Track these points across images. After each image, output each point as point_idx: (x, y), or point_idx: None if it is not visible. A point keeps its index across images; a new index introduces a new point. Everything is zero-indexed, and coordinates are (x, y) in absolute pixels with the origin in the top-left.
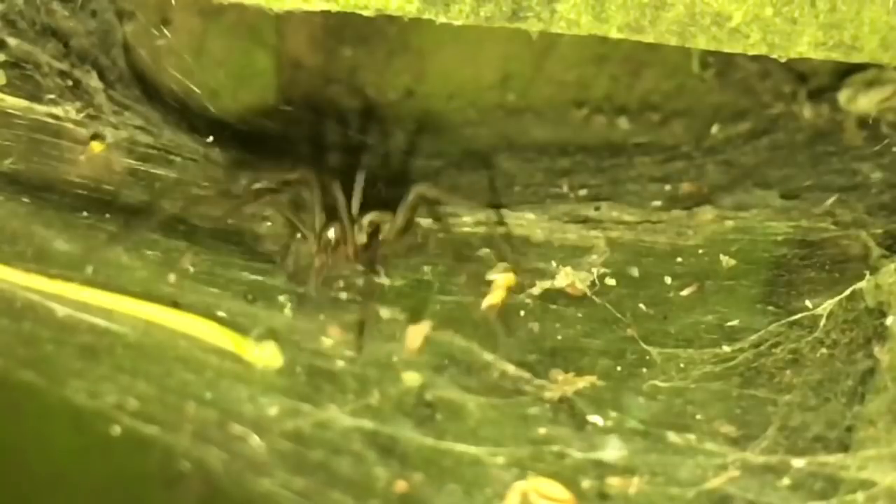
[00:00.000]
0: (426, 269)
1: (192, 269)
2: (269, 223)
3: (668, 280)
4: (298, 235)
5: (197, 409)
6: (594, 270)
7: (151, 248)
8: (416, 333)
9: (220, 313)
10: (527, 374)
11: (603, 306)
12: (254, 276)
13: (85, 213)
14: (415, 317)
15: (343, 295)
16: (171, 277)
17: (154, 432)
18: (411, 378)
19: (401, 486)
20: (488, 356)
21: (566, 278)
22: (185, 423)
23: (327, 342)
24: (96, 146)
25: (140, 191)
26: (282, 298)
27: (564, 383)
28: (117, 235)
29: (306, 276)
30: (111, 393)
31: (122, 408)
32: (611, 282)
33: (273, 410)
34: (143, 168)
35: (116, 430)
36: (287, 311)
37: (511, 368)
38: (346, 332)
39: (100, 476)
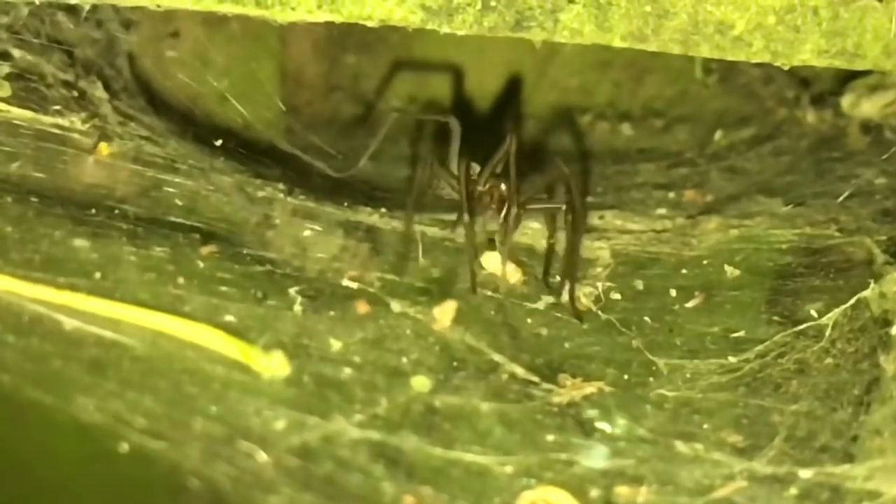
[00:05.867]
0: (433, 270)
1: (201, 266)
2: (275, 227)
3: (672, 292)
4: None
5: (204, 424)
6: (599, 284)
7: (160, 245)
8: (445, 311)
9: (229, 317)
10: (535, 378)
11: (609, 318)
12: (263, 268)
13: (93, 211)
14: (437, 300)
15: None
16: (180, 279)
17: (161, 447)
18: (420, 383)
19: (408, 501)
20: (498, 357)
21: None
22: (193, 439)
23: (335, 346)
24: (105, 148)
25: (146, 194)
26: (292, 292)
27: (573, 388)
28: (126, 232)
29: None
30: (119, 409)
31: (130, 424)
32: (616, 295)
33: (280, 424)
34: (149, 174)
35: (124, 446)
36: (297, 306)
37: (520, 370)
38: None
39: (106, 488)
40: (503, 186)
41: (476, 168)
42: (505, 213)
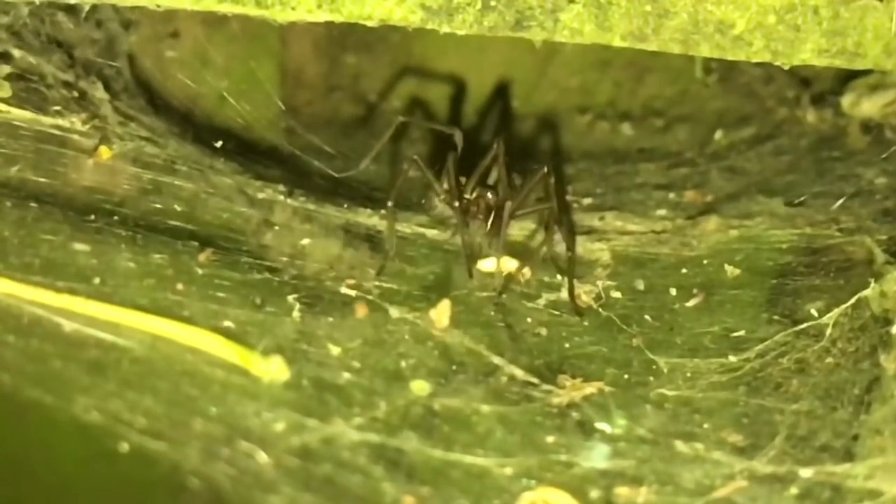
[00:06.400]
0: (430, 277)
1: (200, 272)
2: (275, 228)
3: (673, 291)
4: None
5: (204, 425)
6: (599, 283)
7: (159, 252)
8: (441, 312)
9: (228, 323)
10: (535, 379)
11: (609, 316)
12: (262, 276)
13: (92, 217)
14: (435, 303)
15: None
16: (179, 285)
17: (161, 448)
18: (419, 387)
19: (408, 501)
20: (497, 359)
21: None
22: (193, 439)
23: (334, 351)
24: (105, 151)
25: (146, 196)
26: (290, 299)
27: (572, 389)
28: (125, 238)
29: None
30: (118, 409)
31: (130, 424)
32: (616, 294)
33: (280, 426)
34: (148, 175)
35: (124, 446)
36: (296, 313)
37: (519, 372)
38: None
39: (106, 488)
40: (490, 195)
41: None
42: (493, 221)
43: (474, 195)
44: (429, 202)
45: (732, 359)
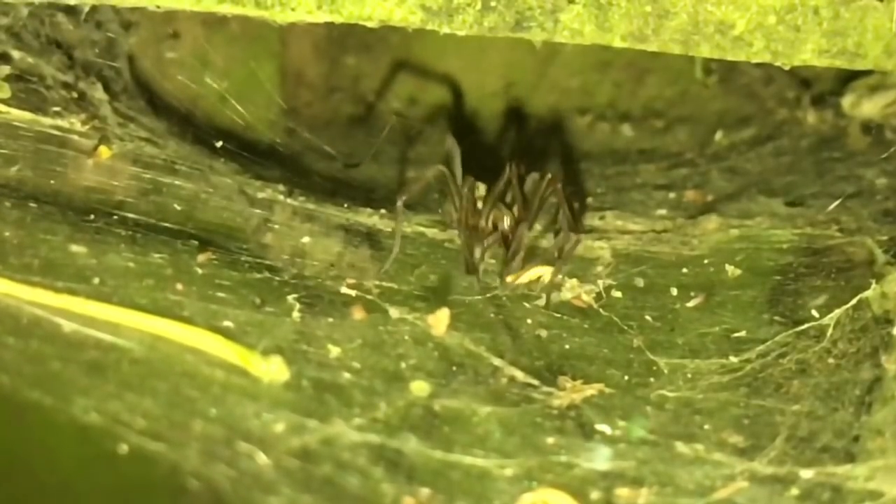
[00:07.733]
0: (431, 277)
1: (200, 272)
2: (275, 228)
3: (673, 291)
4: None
5: (204, 426)
6: (600, 282)
7: (159, 252)
8: (439, 319)
9: (227, 323)
10: (535, 381)
11: (609, 317)
12: (262, 275)
13: (92, 217)
14: (435, 305)
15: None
16: (178, 285)
17: (161, 449)
18: (419, 387)
19: (408, 502)
20: (497, 361)
21: (572, 290)
22: (192, 440)
23: (334, 351)
24: (105, 151)
25: (146, 196)
26: (290, 299)
27: (573, 391)
28: (125, 238)
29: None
30: (118, 411)
31: (130, 426)
32: (617, 294)
33: (279, 427)
34: (148, 175)
35: (124, 448)
36: (296, 313)
37: (519, 374)
38: None
39: (106, 489)
40: (507, 219)
41: (481, 186)
42: (512, 251)
43: (491, 220)
44: (447, 216)
45: (733, 359)
